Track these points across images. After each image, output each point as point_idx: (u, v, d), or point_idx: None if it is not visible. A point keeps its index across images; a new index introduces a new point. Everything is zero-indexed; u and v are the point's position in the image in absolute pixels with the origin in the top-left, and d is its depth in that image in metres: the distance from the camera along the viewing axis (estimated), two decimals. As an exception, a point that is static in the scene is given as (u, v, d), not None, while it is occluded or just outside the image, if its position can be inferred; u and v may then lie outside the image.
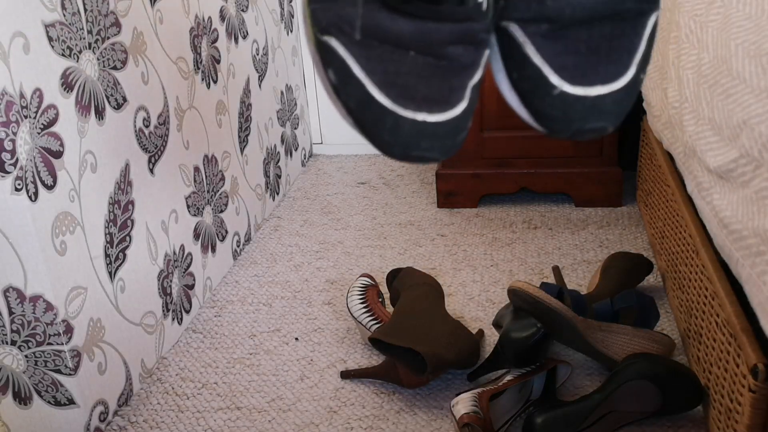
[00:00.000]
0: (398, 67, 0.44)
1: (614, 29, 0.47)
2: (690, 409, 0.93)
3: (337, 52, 0.44)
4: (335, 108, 0.46)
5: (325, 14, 0.45)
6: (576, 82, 0.45)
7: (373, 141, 0.44)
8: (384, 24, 0.45)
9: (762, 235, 0.69)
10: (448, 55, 0.45)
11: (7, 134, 0.79)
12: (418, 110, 0.43)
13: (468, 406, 0.91)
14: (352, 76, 0.44)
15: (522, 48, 0.46)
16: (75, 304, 0.91)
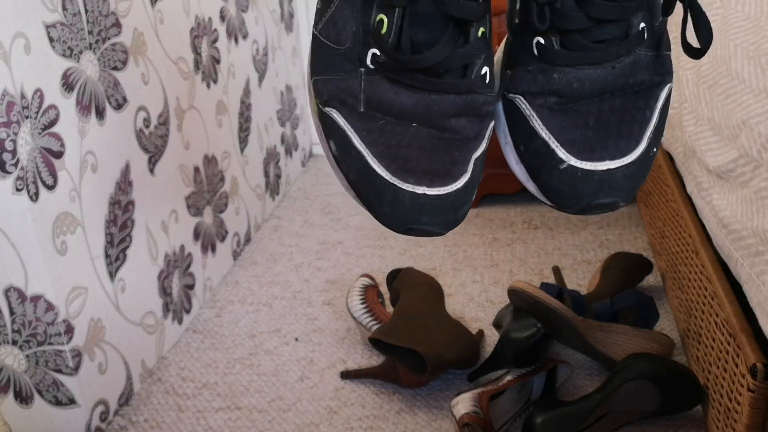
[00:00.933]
0: (400, 140, 0.44)
1: (625, 102, 0.46)
2: (689, 409, 0.93)
3: (338, 123, 0.44)
4: (337, 178, 0.46)
5: (327, 86, 0.45)
6: (584, 157, 0.44)
7: (374, 213, 0.43)
8: (386, 96, 0.44)
9: (761, 235, 0.69)
10: (452, 127, 0.45)
11: (8, 134, 0.79)
12: (419, 183, 0.42)
13: (468, 406, 0.91)
14: (352, 148, 0.44)
15: (528, 121, 0.46)
16: (76, 304, 0.91)
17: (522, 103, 0.46)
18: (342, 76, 0.45)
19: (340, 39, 0.45)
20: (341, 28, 0.45)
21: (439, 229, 0.43)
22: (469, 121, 0.45)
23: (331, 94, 0.45)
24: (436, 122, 0.45)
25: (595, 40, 0.44)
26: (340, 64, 0.45)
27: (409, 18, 0.44)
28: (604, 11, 0.43)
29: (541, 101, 0.46)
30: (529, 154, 0.46)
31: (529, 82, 0.46)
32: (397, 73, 0.44)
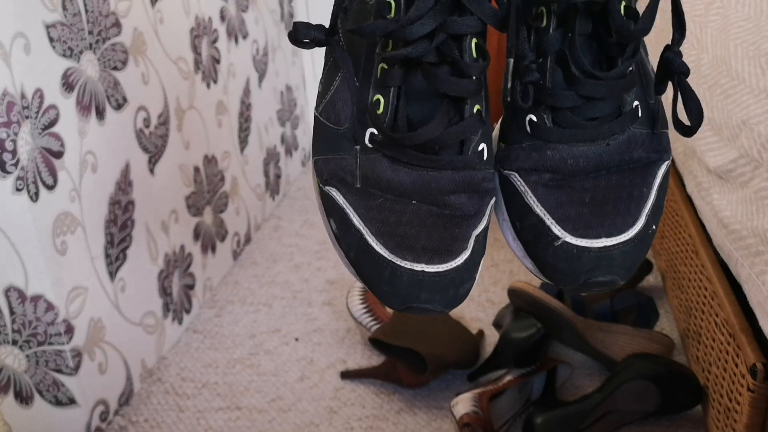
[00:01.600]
0: (399, 217, 0.44)
1: (622, 179, 0.45)
2: (689, 409, 0.93)
3: (338, 201, 0.45)
4: (338, 255, 0.47)
5: (327, 165, 0.46)
6: (579, 234, 0.43)
7: (373, 290, 0.43)
8: (385, 174, 0.45)
9: (761, 235, 0.69)
10: (451, 203, 0.44)
11: (8, 134, 0.79)
12: (417, 260, 0.42)
13: (468, 406, 0.91)
14: (351, 226, 0.44)
15: (523, 197, 0.45)
16: (76, 304, 0.91)
17: (517, 179, 0.46)
18: (341, 155, 0.46)
19: (339, 120, 0.46)
20: (340, 109, 0.46)
21: (440, 307, 0.42)
22: (469, 198, 0.45)
23: (331, 173, 0.46)
24: (436, 199, 0.44)
25: (587, 117, 0.44)
26: (339, 143, 0.46)
27: (405, 96, 0.44)
28: (593, 89, 0.43)
29: (536, 178, 0.45)
30: (525, 231, 0.45)
31: (523, 158, 0.46)
32: (395, 151, 0.44)
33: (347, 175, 0.45)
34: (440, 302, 0.42)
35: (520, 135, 0.46)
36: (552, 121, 0.45)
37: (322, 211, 0.48)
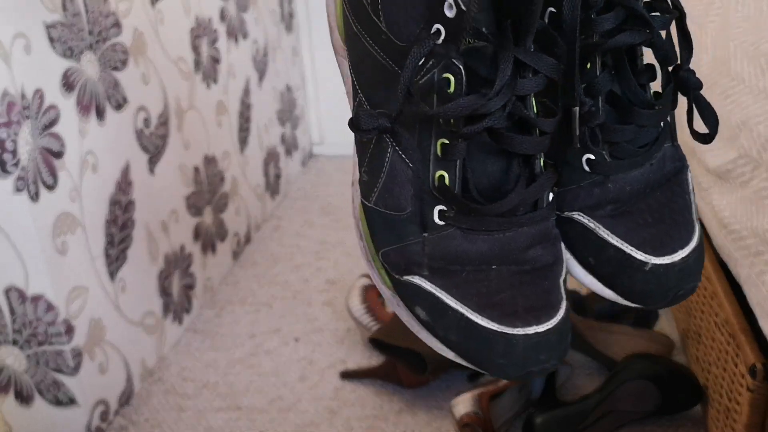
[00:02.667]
0: (488, 286, 0.43)
1: (665, 193, 0.47)
2: (689, 409, 0.94)
3: (424, 288, 0.43)
4: (430, 344, 0.45)
5: (401, 255, 0.44)
6: (659, 253, 0.44)
7: (483, 367, 0.42)
8: (462, 248, 0.43)
9: (761, 235, 0.69)
10: (530, 258, 0.44)
11: (8, 134, 0.79)
12: (527, 324, 0.41)
13: (468, 407, 0.91)
14: (447, 309, 0.42)
15: (595, 233, 0.46)
16: (76, 304, 0.91)
17: (582, 218, 0.47)
18: (411, 240, 0.44)
19: (400, 205, 0.44)
20: (398, 194, 0.44)
21: (556, 362, 0.42)
22: (544, 248, 0.45)
23: (408, 261, 0.44)
24: (515, 258, 0.44)
25: (640, 145, 0.46)
26: (405, 229, 0.44)
27: (469, 165, 0.43)
28: (649, 118, 0.45)
29: (601, 212, 0.46)
30: (603, 265, 0.46)
31: (585, 197, 0.46)
32: (471, 222, 0.43)
33: (424, 258, 0.44)
34: (556, 357, 0.42)
35: (575, 175, 0.46)
36: (610, 156, 0.46)
37: (399, 305, 0.45)
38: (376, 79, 0.45)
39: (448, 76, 0.42)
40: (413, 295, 0.44)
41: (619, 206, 0.47)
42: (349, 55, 0.48)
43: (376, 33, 0.44)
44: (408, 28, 0.42)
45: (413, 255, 0.44)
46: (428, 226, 0.44)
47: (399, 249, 0.44)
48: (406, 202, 0.44)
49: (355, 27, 0.46)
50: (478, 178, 0.44)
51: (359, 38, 0.46)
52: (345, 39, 0.48)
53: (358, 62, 0.46)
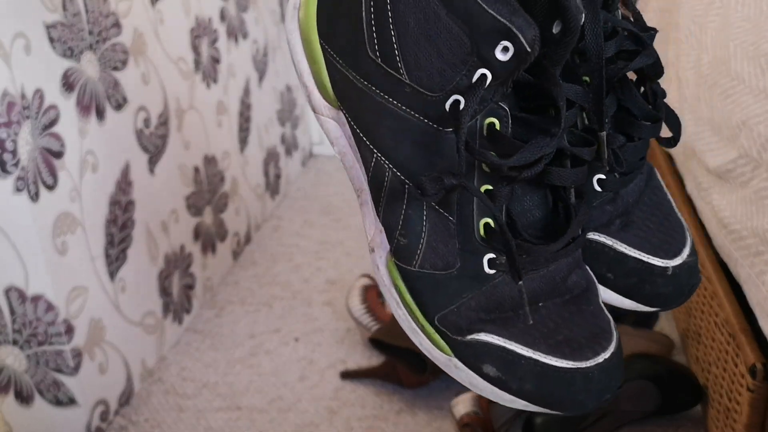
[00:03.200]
0: (547, 325, 0.43)
1: (651, 196, 0.49)
2: (689, 409, 0.94)
3: (494, 343, 0.42)
4: (498, 400, 0.43)
5: (461, 315, 0.42)
6: (671, 255, 0.46)
7: (563, 407, 0.41)
8: (513, 291, 0.43)
9: (761, 235, 0.69)
10: (570, 287, 0.44)
11: (8, 134, 0.79)
12: (596, 354, 0.41)
13: (468, 407, 0.91)
14: (520, 358, 0.41)
15: (613, 249, 0.46)
16: (76, 304, 0.91)
17: (599, 236, 0.47)
18: (467, 296, 0.42)
19: (448, 263, 0.42)
20: (444, 252, 0.42)
21: (621, 381, 0.42)
22: (578, 274, 0.45)
23: (470, 320, 0.42)
24: (558, 290, 0.44)
25: (640, 157, 0.47)
26: (458, 287, 0.42)
27: (511, 206, 0.42)
28: (653, 131, 0.46)
29: (613, 227, 0.47)
30: (623, 278, 0.47)
31: (598, 216, 0.47)
32: (525, 264, 0.42)
33: (482, 312, 0.42)
34: (621, 376, 0.42)
35: (587, 196, 0.46)
36: (620, 173, 0.47)
37: (458, 368, 0.43)
38: (401, 138, 0.41)
39: (492, 121, 0.40)
40: (481, 354, 0.42)
41: (625, 218, 0.47)
42: (350, 114, 0.44)
43: (396, 87, 0.40)
44: (442, 77, 0.39)
45: (472, 312, 0.42)
46: (481, 278, 0.42)
47: (456, 309, 0.42)
48: (453, 259, 0.42)
49: (358, 83, 0.42)
50: (521, 219, 0.43)
51: (368, 95, 0.42)
52: (339, 97, 0.44)
53: (369, 121, 0.43)
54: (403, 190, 0.42)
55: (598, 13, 0.40)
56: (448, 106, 0.39)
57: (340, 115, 0.45)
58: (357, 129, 0.44)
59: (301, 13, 0.44)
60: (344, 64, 0.43)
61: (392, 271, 0.44)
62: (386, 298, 0.45)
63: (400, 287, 0.44)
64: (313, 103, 0.46)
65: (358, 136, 0.44)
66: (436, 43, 0.38)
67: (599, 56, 0.41)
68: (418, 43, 0.39)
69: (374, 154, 0.43)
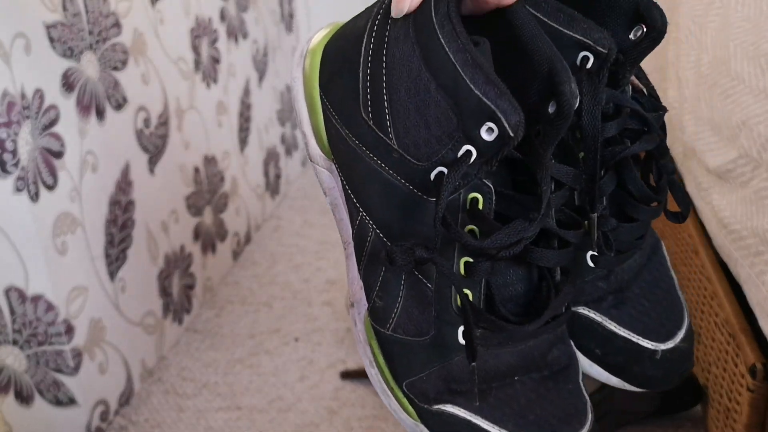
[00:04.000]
0: (519, 401, 0.42)
1: (652, 272, 0.47)
2: (689, 409, 0.94)
3: (459, 416, 0.41)
4: None
5: (429, 383, 0.42)
6: (662, 338, 0.45)
7: None
8: (488, 365, 0.42)
9: (761, 235, 0.69)
10: (549, 363, 0.44)
11: (8, 134, 0.79)
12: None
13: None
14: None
15: (603, 326, 0.46)
16: (76, 304, 0.91)
17: (588, 312, 0.46)
18: (437, 365, 0.41)
19: (422, 330, 0.41)
20: (418, 319, 0.41)
21: None
22: (559, 349, 0.44)
23: (437, 389, 0.41)
24: (536, 365, 0.43)
25: (638, 236, 0.46)
26: (430, 355, 0.41)
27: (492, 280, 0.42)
28: (653, 213, 0.46)
29: (605, 304, 0.46)
30: (611, 355, 0.46)
31: (590, 291, 0.46)
32: (497, 339, 0.41)
33: (452, 383, 0.41)
34: None
35: (580, 271, 0.46)
36: (616, 251, 0.46)
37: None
38: (386, 200, 0.41)
39: (476, 196, 0.40)
40: (446, 425, 0.41)
41: (619, 295, 0.46)
42: (341, 170, 0.44)
43: (385, 151, 0.41)
44: (429, 148, 0.39)
45: (441, 381, 0.41)
46: (453, 349, 0.41)
47: (425, 378, 0.42)
48: (428, 326, 0.41)
49: (350, 141, 0.42)
50: (500, 293, 0.42)
51: (358, 154, 0.42)
52: (333, 151, 0.44)
53: (357, 180, 0.43)
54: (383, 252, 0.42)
55: (598, 94, 0.40)
56: (433, 177, 0.39)
57: (333, 166, 0.45)
58: (346, 185, 0.44)
59: (306, 62, 0.45)
60: (339, 120, 0.43)
61: (368, 330, 0.44)
62: (360, 354, 0.45)
63: (374, 347, 0.44)
64: (309, 152, 0.47)
65: (347, 191, 0.44)
66: (425, 114, 0.38)
67: (595, 139, 0.40)
68: (408, 112, 0.39)
69: (360, 212, 0.43)
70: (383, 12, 0.41)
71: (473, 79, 0.36)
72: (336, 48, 0.44)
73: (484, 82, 0.36)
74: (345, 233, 0.45)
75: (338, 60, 0.43)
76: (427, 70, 0.38)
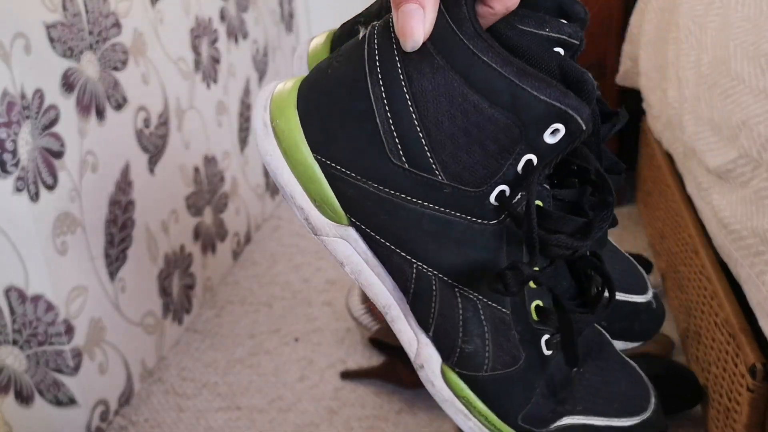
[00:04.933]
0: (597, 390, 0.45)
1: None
2: (689, 409, 0.94)
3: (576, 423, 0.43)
4: None
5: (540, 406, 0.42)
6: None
7: None
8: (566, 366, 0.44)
9: (761, 235, 0.69)
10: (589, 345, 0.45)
11: (8, 134, 0.79)
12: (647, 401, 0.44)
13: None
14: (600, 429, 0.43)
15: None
16: (76, 304, 0.91)
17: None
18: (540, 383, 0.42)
19: (514, 356, 0.41)
20: (507, 347, 0.41)
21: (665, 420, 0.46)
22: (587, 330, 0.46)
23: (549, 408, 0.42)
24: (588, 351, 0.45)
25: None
26: (531, 377, 0.41)
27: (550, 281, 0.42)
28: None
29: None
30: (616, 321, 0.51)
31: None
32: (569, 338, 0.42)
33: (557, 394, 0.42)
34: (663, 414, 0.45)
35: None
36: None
37: None
38: (444, 241, 0.39)
39: (538, 202, 0.40)
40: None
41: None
42: (369, 228, 0.41)
43: (431, 190, 0.38)
44: (487, 169, 0.38)
45: (549, 398, 0.42)
46: (544, 361, 0.41)
47: (536, 402, 0.41)
48: (517, 351, 0.41)
49: (382, 193, 0.39)
50: (558, 290, 0.42)
51: (396, 203, 0.39)
52: (352, 212, 0.41)
53: (401, 231, 0.40)
54: (455, 295, 0.40)
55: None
56: (494, 198, 0.38)
57: (350, 231, 0.42)
58: (384, 241, 0.40)
59: (277, 129, 0.40)
60: (359, 176, 0.39)
61: (454, 383, 0.42)
62: (448, 412, 0.43)
63: (468, 397, 0.42)
64: (313, 225, 0.42)
65: (386, 248, 0.40)
66: (479, 136, 0.37)
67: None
68: (456, 140, 0.37)
69: (413, 264, 0.40)
70: (380, 52, 0.38)
71: (534, 86, 0.36)
72: (320, 104, 0.39)
73: (546, 86, 0.36)
74: (381, 297, 0.42)
75: (332, 114, 0.39)
76: (476, 93, 0.36)
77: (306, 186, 0.41)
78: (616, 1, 1.47)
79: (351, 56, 0.39)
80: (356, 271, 0.42)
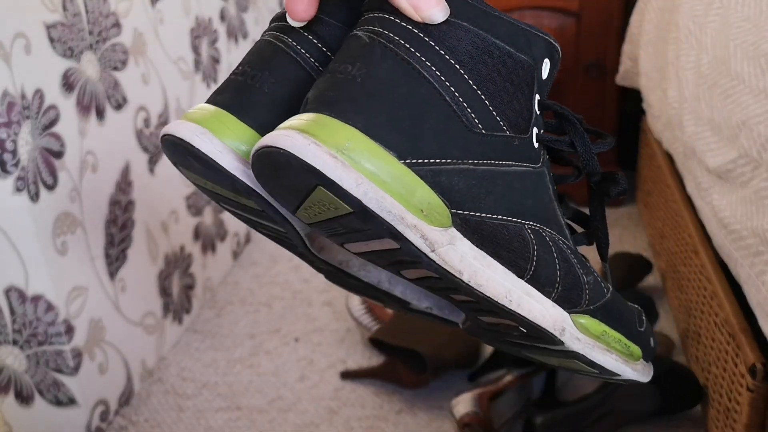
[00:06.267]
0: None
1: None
2: (689, 409, 0.94)
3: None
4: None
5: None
6: None
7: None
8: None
9: (761, 235, 0.69)
10: None
11: (8, 135, 0.79)
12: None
13: (468, 407, 0.91)
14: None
15: None
16: (76, 304, 0.91)
17: None
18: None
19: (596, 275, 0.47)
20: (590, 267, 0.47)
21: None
22: None
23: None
24: None
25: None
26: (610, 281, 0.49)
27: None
28: None
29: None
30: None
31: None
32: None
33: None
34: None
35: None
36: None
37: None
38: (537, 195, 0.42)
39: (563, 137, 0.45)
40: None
41: None
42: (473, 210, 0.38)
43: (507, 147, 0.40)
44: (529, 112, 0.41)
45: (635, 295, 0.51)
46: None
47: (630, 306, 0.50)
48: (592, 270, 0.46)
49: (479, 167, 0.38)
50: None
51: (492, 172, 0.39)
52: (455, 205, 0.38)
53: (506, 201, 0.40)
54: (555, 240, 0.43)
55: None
56: (536, 141, 0.42)
57: (454, 232, 0.38)
58: (497, 216, 0.39)
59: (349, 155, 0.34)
60: (455, 160, 0.37)
61: (592, 327, 0.45)
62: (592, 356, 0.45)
63: (607, 332, 0.46)
64: (429, 240, 0.37)
65: (497, 226, 0.39)
66: (518, 83, 0.40)
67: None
68: (507, 91, 0.40)
69: (525, 226, 0.40)
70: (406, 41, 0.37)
71: (534, 28, 0.41)
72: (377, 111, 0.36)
73: (536, 28, 0.41)
74: (501, 288, 0.40)
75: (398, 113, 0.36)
76: (504, 43, 0.40)
77: (408, 199, 0.35)
78: (616, 1, 1.47)
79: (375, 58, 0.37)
80: (473, 273, 0.39)
